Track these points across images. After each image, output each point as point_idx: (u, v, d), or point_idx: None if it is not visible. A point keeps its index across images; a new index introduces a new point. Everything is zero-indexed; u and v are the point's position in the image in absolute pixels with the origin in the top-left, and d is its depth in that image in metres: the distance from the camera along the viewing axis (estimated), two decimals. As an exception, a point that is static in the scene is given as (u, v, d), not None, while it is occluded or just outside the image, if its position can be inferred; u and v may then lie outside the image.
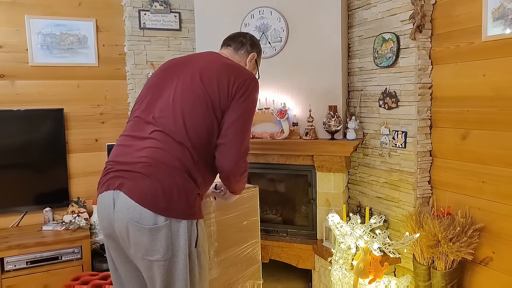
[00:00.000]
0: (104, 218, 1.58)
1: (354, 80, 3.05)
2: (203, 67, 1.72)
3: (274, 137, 3.01)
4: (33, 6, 3.18)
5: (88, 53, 3.36)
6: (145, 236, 1.50)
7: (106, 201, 1.56)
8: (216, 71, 1.70)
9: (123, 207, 1.51)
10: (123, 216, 1.51)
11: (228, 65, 1.76)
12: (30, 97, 3.20)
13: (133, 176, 1.52)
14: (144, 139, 1.60)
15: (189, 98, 1.65)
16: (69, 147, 3.31)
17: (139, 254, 1.54)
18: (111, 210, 1.54)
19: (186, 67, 1.75)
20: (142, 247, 1.52)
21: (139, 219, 1.49)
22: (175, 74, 1.74)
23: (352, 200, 3.12)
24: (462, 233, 2.23)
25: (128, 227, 1.51)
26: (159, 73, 1.81)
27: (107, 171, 1.61)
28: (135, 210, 1.49)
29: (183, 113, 1.63)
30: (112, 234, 1.59)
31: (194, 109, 1.63)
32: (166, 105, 1.65)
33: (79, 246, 2.91)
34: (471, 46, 2.30)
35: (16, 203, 3.10)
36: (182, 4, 3.42)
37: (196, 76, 1.69)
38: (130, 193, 1.50)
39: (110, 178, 1.57)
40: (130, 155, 1.58)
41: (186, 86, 1.68)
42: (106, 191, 1.56)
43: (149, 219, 1.49)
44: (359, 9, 2.94)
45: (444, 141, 2.51)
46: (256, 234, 2.34)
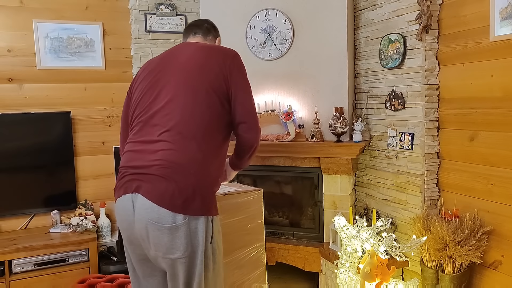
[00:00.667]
0: (124, 220, 1.63)
1: (360, 82, 3.02)
2: (189, 58, 1.73)
3: (280, 139, 3.00)
4: (41, 10, 3.21)
5: (95, 57, 3.39)
6: (165, 235, 1.55)
7: (125, 204, 1.61)
8: (203, 57, 1.73)
9: (142, 208, 1.56)
10: (142, 217, 1.56)
11: (211, 48, 1.79)
12: (38, 101, 3.23)
13: (149, 179, 1.57)
14: (154, 142, 1.63)
15: (189, 91, 1.66)
16: (76, 150, 3.33)
17: (160, 254, 1.59)
18: (131, 212, 1.59)
19: (173, 64, 1.74)
20: (163, 246, 1.57)
21: (158, 219, 1.54)
22: (165, 73, 1.73)
23: (359, 202, 3.10)
24: (471, 236, 2.20)
25: (148, 227, 1.56)
26: (147, 77, 1.77)
27: (122, 175, 1.66)
28: (153, 210, 1.54)
29: (188, 108, 1.64)
30: (132, 235, 1.64)
31: (197, 101, 1.65)
32: (169, 104, 1.66)
33: (86, 248, 2.92)
34: (479, 46, 2.27)
35: (25, 205, 3.13)
36: (188, 7, 3.43)
37: (188, 68, 1.70)
38: (148, 195, 1.55)
39: (127, 182, 1.62)
40: (144, 159, 1.61)
41: (181, 81, 1.69)
42: (124, 194, 1.62)
43: (168, 219, 1.54)
44: (365, 10, 2.92)
45: (451, 143, 2.48)
46: (261, 237, 2.33)
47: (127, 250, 1.75)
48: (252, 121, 1.77)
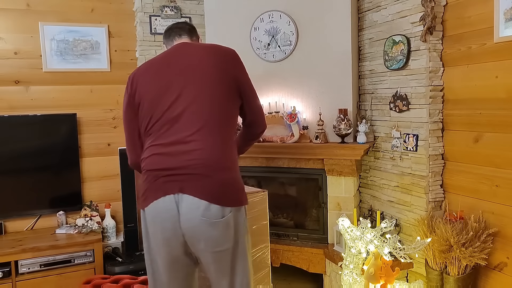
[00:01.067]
0: (167, 220, 1.65)
1: (364, 83, 3.03)
2: (200, 58, 1.77)
3: (284, 140, 3.00)
4: (47, 13, 3.24)
5: (101, 59, 3.41)
6: (216, 230, 1.64)
7: (167, 205, 1.64)
8: (212, 57, 1.78)
9: (192, 207, 1.62)
10: (194, 216, 1.62)
11: (215, 48, 1.84)
12: (44, 102, 3.25)
13: (191, 178, 1.63)
14: (186, 142, 1.67)
15: (209, 90, 1.72)
16: (82, 152, 3.35)
17: (209, 249, 1.66)
18: (175, 212, 1.63)
19: (183, 64, 1.76)
20: (214, 241, 1.65)
21: (209, 215, 1.62)
22: (178, 74, 1.74)
23: (363, 204, 3.09)
24: (475, 238, 2.19)
25: (200, 224, 1.62)
26: (156, 80, 1.76)
27: (157, 178, 1.67)
28: (205, 207, 1.62)
29: (212, 107, 1.71)
30: (174, 235, 1.66)
31: (217, 99, 1.73)
32: (193, 105, 1.69)
33: (91, 249, 2.94)
34: (483, 47, 2.26)
35: (31, 206, 3.16)
36: (192, 9, 3.44)
37: (202, 69, 1.74)
38: (196, 193, 1.62)
39: (165, 184, 1.65)
40: (179, 160, 1.65)
41: (199, 81, 1.72)
42: (165, 196, 1.64)
43: (218, 213, 1.63)
44: (369, 12, 2.92)
45: (456, 144, 2.47)
46: (266, 239, 2.34)
47: (158, 254, 1.73)
48: (260, 111, 1.98)
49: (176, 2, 3.39)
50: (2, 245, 2.84)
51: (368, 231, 2.31)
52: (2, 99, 3.15)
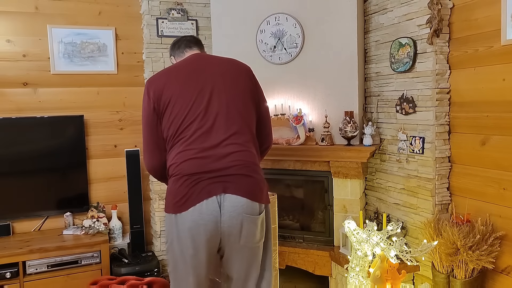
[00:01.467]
0: (211, 221, 1.71)
1: (370, 86, 3.02)
2: (224, 70, 1.91)
3: (290, 143, 3.01)
4: (55, 16, 3.27)
5: (108, 61, 3.44)
6: (255, 226, 1.77)
7: (210, 207, 1.70)
8: (234, 70, 1.94)
9: (236, 206, 1.72)
10: (238, 214, 1.72)
11: (230, 60, 2.01)
12: (51, 104, 3.28)
13: (233, 179, 1.74)
14: (223, 146, 1.77)
15: (237, 99, 1.86)
16: (89, 153, 3.38)
17: (249, 244, 1.79)
18: (218, 213, 1.71)
19: (208, 73, 1.88)
20: (253, 236, 1.78)
21: (252, 211, 1.75)
22: (209, 81, 1.85)
23: (369, 206, 3.09)
24: (482, 241, 2.18)
25: (243, 221, 1.73)
26: (186, 86, 1.82)
27: (197, 181, 1.71)
28: (248, 205, 1.74)
29: (239, 112, 1.84)
30: (216, 235, 1.73)
31: (245, 107, 1.88)
32: (226, 111, 1.81)
33: (98, 250, 2.96)
34: (490, 50, 2.26)
35: (38, 208, 3.18)
36: (199, 12, 3.46)
37: (225, 76, 1.89)
38: (238, 192, 1.73)
39: (207, 186, 1.71)
40: (219, 163, 1.74)
41: (227, 90, 1.86)
42: (208, 198, 1.71)
43: (258, 210, 1.78)
44: (375, 14, 2.93)
45: (463, 147, 2.46)
46: (274, 242, 2.34)
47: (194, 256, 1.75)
48: (270, 124, 2.12)
49: (182, 5, 3.41)
50: (10, 245, 2.87)
51: (374, 234, 2.31)
52: (11, 101, 3.18)
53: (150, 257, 3.18)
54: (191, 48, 2.08)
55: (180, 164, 1.74)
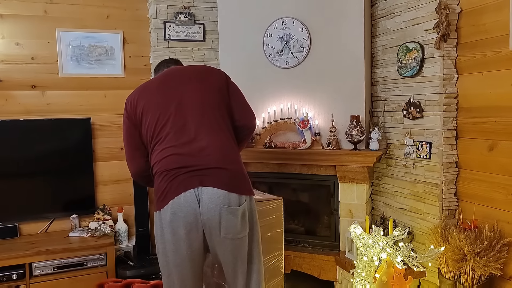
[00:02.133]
0: (189, 214, 1.75)
1: (377, 90, 3.02)
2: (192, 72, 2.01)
3: (296, 147, 3.00)
4: (64, 19, 3.30)
5: (115, 64, 3.46)
6: (235, 217, 1.77)
7: (188, 199, 1.75)
8: (203, 70, 2.04)
9: (213, 197, 1.75)
10: (215, 205, 1.74)
11: (203, 66, 2.12)
12: (59, 107, 3.31)
13: (210, 172, 1.77)
14: (197, 141, 1.82)
15: (206, 93, 1.92)
16: (95, 156, 3.39)
17: (229, 236, 1.78)
18: (196, 206, 1.75)
19: (180, 78, 1.97)
20: (233, 228, 1.78)
21: (229, 203, 1.76)
22: (177, 86, 1.94)
23: (375, 211, 3.07)
24: (490, 247, 2.16)
25: (221, 213, 1.75)
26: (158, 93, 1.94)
27: (174, 175, 1.77)
28: (225, 196, 1.75)
29: (212, 108, 1.90)
30: (196, 227, 1.76)
31: (215, 101, 1.93)
32: (195, 108, 1.88)
33: (103, 253, 2.96)
34: (499, 55, 2.24)
35: (45, 209, 3.20)
36: (206, 16, 3.47)
37: (196, 78, 1.97)
38: (215, 184, 1.75)
39: (184, 180, 1.76)
40: (195, 157, 1.79)
41: (197, 88, 1.93)
42: (185, 191, 1.75)
43: (237, 201, 1.78)
44: (382, 19, 2.92)
45: (470, 152, 2.45)
46: (280, 246, 2.34)
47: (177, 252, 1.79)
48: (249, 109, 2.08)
49: (190, 9, 3.42)
50: (17, 247, 2.89)
51: (380, 239, 2.29)
52: (19, 103, 3.21)
53: (155, 260, 3.18)
54: (169, 67, 2.18)
55: (160, 162, 1.83)
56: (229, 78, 2.07)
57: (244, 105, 2.07)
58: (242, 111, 2.04)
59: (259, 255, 1.91)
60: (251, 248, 1.88)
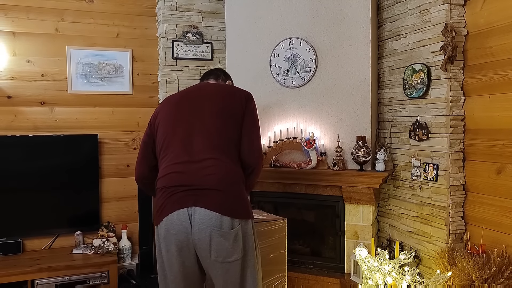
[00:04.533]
0: (181, 233, 1.76)
1: (384, 111, 3.01)
2: (213, 93, 1.97)
3: (301, 166, 2.99)
4: (74, 37, 3.36)
5: (124, 82, 3.50)
6: (226, 240, 1.74)
7: (181, 217, 1.75)
8: (225, 89, 2.01)
9: (205, 219, 1.73)
10: (206, 227, 1.72)
11: (229, 87, 2.06)
12: (67, 123, 3.34)
13: (204, 192, 1.76)
14: (199, 161, 1.81)
15: (218, 118, 1.89)
16: (101, 172, 3.40)
17: (219, 259, 1.75)
18: (188, 225, 1.74)
19: (198, 97, 1.97)
20: (224, 251, 1.74)
21: (221, 226, 1.73)
22: (193, 105, 1.94)
23: (381, 233, 3.03)
24: (499, 273, 2.11)
25: (212, 235, 1.73)
26: (175, 109, 1.97)
27: (172, 193, 1.79)
28: (217, 219, 1.73)
29: (220, 132, 1.87)
30: (187, 246, 1.77)
31: (226, 127, 1.89)
32: (204, 130, 1.87)
33: (106, 270, 2.94)
34: (505, 78, 2.23)
35: (50, 225, 3.20)
36: (214, 35, 3.52)
37: (214, 100, 1.94)
38: (208, 206, 1.74)
39: (180, 198, 1.77)
40: (194, 177, 1.79)
41: (211, 110, 1.91)
42: (179, 209, 1.76)
43: (229, 224, 1.74)
44: (389, 40, 2.93)
45: (478, 175, 2.41)
46: (283, 268, 2.30)
47: (171, 268, 1.81)
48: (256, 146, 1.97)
49: (198, 28, 3.47)
50: (20, 263, 2.88)
51: (386, 262, 2.26)
52: (28, 119, 3.24)
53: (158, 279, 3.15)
54: (207, 80, 2.25)
55: (162, 178, 1.85)
56: (249, 104, 1.98)
57: (251, 142, 1.96)
58: (247, 147, 1.94)
59: (254, 281, 1.82)
60: (245, 273, 1.81)
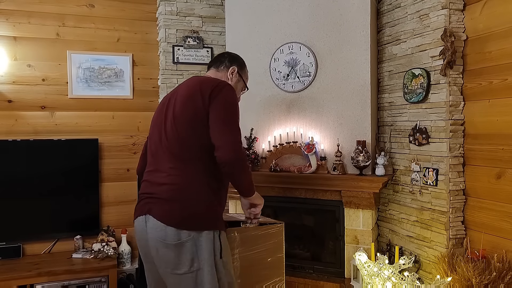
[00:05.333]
0: (141, 239, 1.82)
1: (384, 115, 3.01)
2: (184, 90, 1.89)
3: (301, 171, 2.99)
4: (75, 42, 3.37)
5: (124, 86, 3.51)
6: (172, 252, 1.70)
7: (139, 225, 1.82)
8: (192, 89, 1.85)
9: (152, 228, 1.74)
10: (153, 236, 1.73)
11: (201, 81, 1.89)
12: (67, 128, 3.35)
13: (157, 201, 1.77)
14: (161, 171, 1.83)
15: (179, 119, 1.82)
16: (101, 176, 3.41)
17: (168, 270, 1.74)
18: (145, 232, 1.78)
19: (173, 96, 1.93)
20: (170, 263, 1.72)
21: (165, 237, 1.70)
22: (167, 105, 1.93)
23: (382, 238, 3.02)
24: (499, 279, 2.10)
25: (157, 246, 1.73)
26: (158, 108, 2.01)
27: (140, 199, 1.88)
28: (161, 229, 1.71)
29: (180, 135, 1.80)
30: (148, 253, 1.82)
31: (187, 127, 1.79)
32: (166, 133, 1.85)
33: (106, 275, 2.94)
34: (505, 83, 2.23)
35: (49, 230, 3.20)
36: (214, 40, 3.53)
37: (179, 99, 1.86)
38: (156, 215, 1.74)
39: (142, 205, 1.83)
40: (153, 185, 1.83)
41: (174, 111, 1.85)
42: (139, 216, 1.82)
43: (174, 236, 1.70)
44: (388, 45, 2.94)
45: (478, 180, 2.41)
46: (281, 272, 2.29)
47: (146, 271, 1.93)
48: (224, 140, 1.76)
49: (198, 33, 3.48)
50: (20, 268, 2.88)
51: (385, 268, 2.25)
52: (28, 123, 3.25)
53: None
54: (209, 69, 2.13)
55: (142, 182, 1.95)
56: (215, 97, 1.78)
57: (218, 137, 1.76)
58: (216, 143, 1.76)
59: None
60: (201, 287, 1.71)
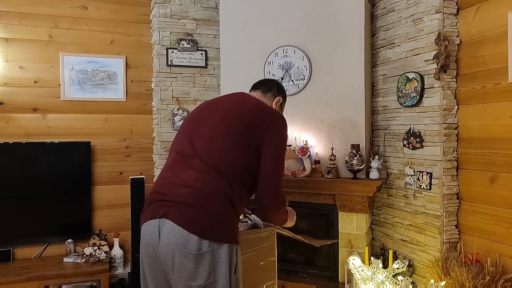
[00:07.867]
0: (150, 244, 1.67)
1: (378, 119, 3.01)
2: (236, 106, 1.87)
3: (295, 174, 2.98)
4: (68, 44, 3.34)
5: (117, 89, 3.48)
6: (190, 262, 1.59)
7: (151, 229, 1.66)
8: (248, 109, 1.84)
9: (170, 233, 1.60)
10: (170, 242, 1.60)
11: (259, 105, 1.89)
12: (59, 130, 3.31)
13: (177, 206, 1.63)
14: (186, 171, 1.71)
15: (226, 133, 1.77)
16: (94, 179, 3.37)
17: (182, 280, 1.61)
18: (156, 237, 1.64)
19: (220, 107, 1.89)
20: (186, 273, 1.60)
21: (185, 244, 1.58)
22: (211, 113, 1.87)
23: (375, 241, 3.01)
24: (492, 283, 2.10)
25: (174, 253, 1.59)
26: (196, 113, 1.93)
27: (151, 201, 1.72)
28: (182, 236, 1.59)
29: (222, 147, 1.74)
30: (156, 260, 1.67)
31: (231, 143, 1.75)
32: (206, 140, 1.77)
33: (97, 279, 2.90)
34: (498, 87, 2.24)
35: (41, 233, 3.16)
36: (208, 43, 3.51)
37: (231, 114, 1.82)
38: (177, 220, 1.60)
39: (155, 208, 1.68)
40: (173, 186, 1.69)
41: (222, 123, 1.80)
42: (151, 219, 1.67)
43: (195, 245, 1.59)
44: (382, 48, 2.94)
45: (471, 184, 2.41)
46: (273, 276, 2.28)
47: (144, 276, 1.76)
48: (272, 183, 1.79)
49: (193, 36, 3.47)
50: (9, 272, 2.84)
51: (379, 272, 2.24)
52: (19, 126, 3.22)
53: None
54: (256, 90, 2.12)
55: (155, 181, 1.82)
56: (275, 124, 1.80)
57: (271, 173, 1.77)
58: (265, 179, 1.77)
59: None
60: None
